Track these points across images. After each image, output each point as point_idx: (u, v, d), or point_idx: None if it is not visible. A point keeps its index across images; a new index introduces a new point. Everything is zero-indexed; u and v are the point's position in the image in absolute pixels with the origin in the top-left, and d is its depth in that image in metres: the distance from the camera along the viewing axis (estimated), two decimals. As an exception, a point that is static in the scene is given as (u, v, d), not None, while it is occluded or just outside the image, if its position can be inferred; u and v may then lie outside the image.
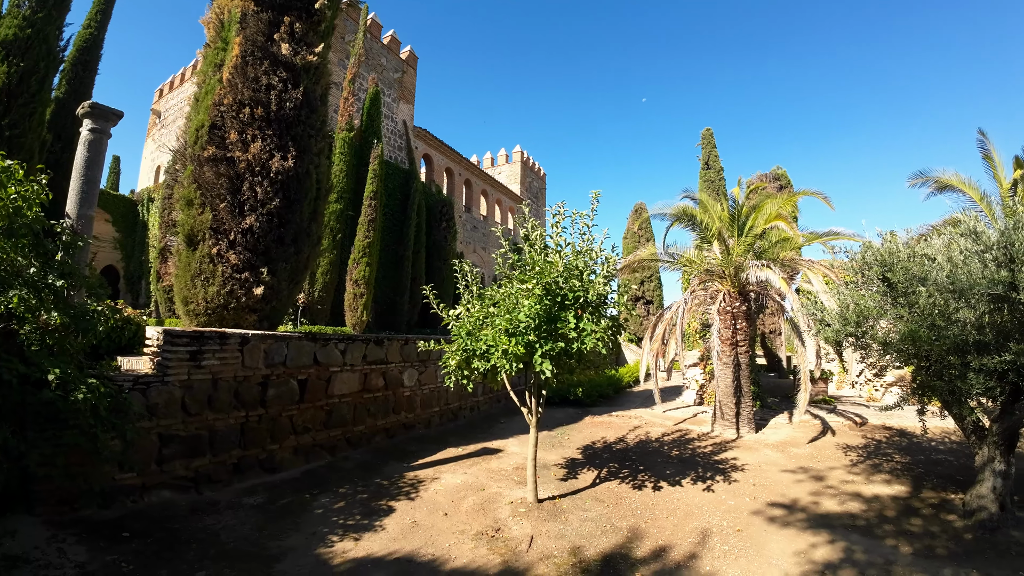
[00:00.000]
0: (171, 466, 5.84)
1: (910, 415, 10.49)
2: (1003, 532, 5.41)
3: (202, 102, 7.95)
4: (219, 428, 6.36)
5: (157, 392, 5.80)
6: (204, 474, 6.13)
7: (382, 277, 14.81)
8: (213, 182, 7.42)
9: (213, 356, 6.36)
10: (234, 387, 6.59)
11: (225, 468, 6.38)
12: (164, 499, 5.65)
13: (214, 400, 6.33)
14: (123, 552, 4.43)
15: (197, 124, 7.76)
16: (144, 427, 5.56)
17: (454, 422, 10.99)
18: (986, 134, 10.63)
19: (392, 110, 20.55)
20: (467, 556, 4.80)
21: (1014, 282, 4.77)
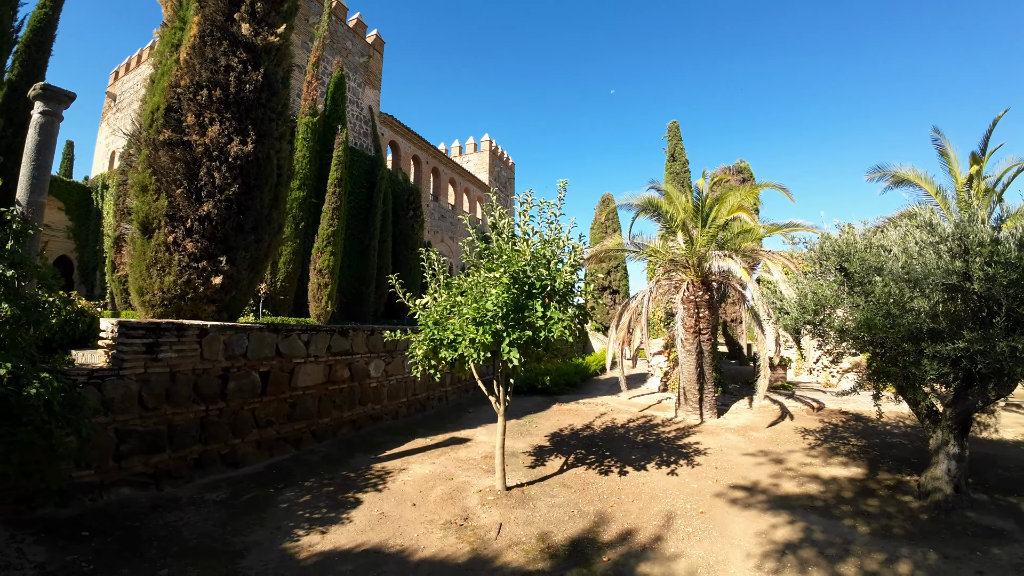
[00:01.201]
0: (130, 462, 5.67)
1: (866, 400, 10.94)
2: (958, 513, 5.65)
3: (158, 84, 7.63)
4: (178, 423, 6.19)
5: (113, 386, 5.61)
6: (164, 470, 5.96)
7: (347, 267, 14.58)
8: (169, 167, 7.14)
9: (170, 348, 6.17)
10: (193, 380, 6.41)
11: (186, 464, 6.22)
12: (124, 496, 5.49)
13: (172, 394, 6.16)
14: (83, 551, 4.30)
15: (152, 107, 7.44)
16: (100, 423, 5.38)
17: (422, 412, 10.95)
18: (941, 132, 11.05)
19: (357, 95, 20.12)
20: (436, 546, 4.80)
21: (967, 272, 4.96)
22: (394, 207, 17.17)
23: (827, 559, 4.62)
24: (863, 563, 4.55)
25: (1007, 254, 4.78)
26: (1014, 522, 5.39)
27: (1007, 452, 8.09)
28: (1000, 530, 5.19)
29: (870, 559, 4.62)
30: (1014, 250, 4.78)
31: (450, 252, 26.31)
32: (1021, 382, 5.68)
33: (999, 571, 4.35)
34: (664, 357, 15.14)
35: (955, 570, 4.40)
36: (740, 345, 21.36)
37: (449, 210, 27.51)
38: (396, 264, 16.51)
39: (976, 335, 4.99)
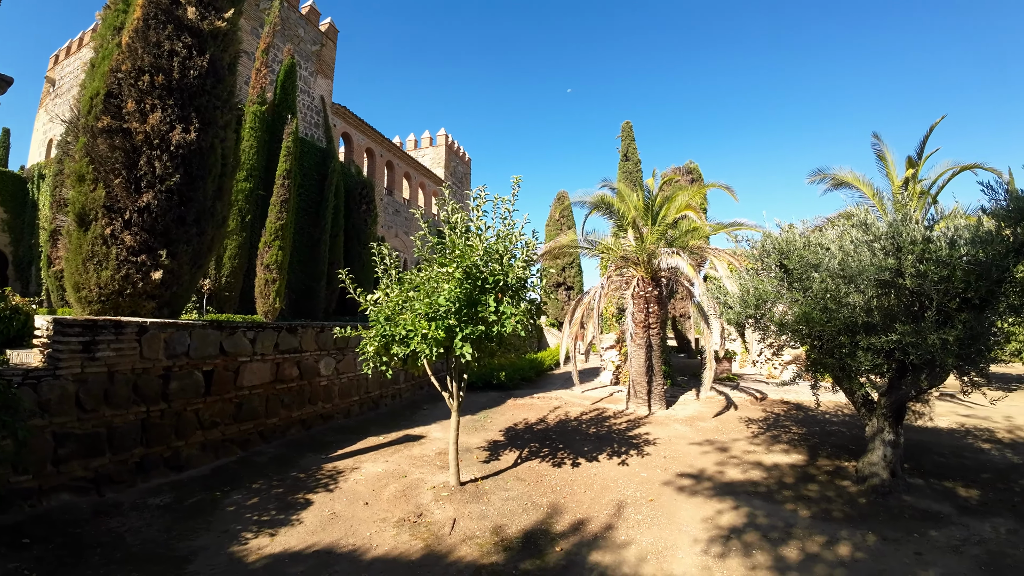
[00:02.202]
0: (69, 467, 5.40)
1: (806, 390, 11.45)
2: (895, 497, 5.95)
3: (98, 68, 7.23)
4: (118, 425, 5.92)
5: (49, 387, 5.33)
6: (105, 474, 5.71)
7: (297, 262, 14.19)
8: (107, 155, 6.79)
9: (108, 347, 5.89)
10: (132, 380, 6.13)
11: (127, 468, 5.96)
12: (64, 502, 5.25)
13: (111, 395, 5.88)
14: (24, 559, 4.12)
15: (92, 92, 7.05)
16: (37, 425, 5.11)
17: (375, 411, 10.81)
18: (880, 137, 11.75)
19: (309, 84, 19.59)
20: (389, 544, 4.77)
21: (900, 269, 5.28)
22: (346, 201, 16.80)
23: (770, 542, 4.82)
24: (804, 546, 4.76)
25: (938, 252, 5.10)
26: (950, 505, 5.68)
27: (942, 439, 8.58)
28: (936, 513, 5.48)
29: (811, 542, 4.83)
30: (945, 248, 5.11)
31: (404, 247, 25.99)
32: (952, 373, 6.01)
33: (937, 552, 4.59)
34: (616, 351, 15.45)
35: (894, 551, 4.63)
36: (688, 339, 22.02)
37: (404, 205, 27.15)
38: (348, 259, 16.19)
39: (908, 328, 5.29)
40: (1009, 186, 5.38)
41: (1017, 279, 5.40)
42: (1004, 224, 5.19)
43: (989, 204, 5.41)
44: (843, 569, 4.33)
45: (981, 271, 5.04)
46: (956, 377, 6.22)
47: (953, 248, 5.12)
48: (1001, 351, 6.44)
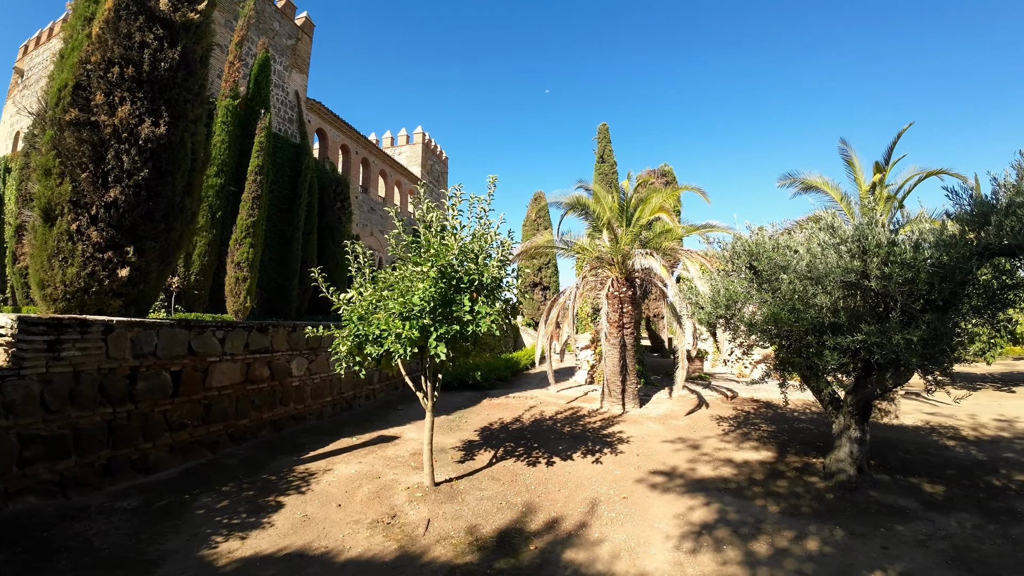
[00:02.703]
0: (34, 469, 5.24)
1: (775, 389, 11.71)
2: (862, 492, 6.08)
3: (67, 59, 7.01)
4: (84, 426, 5.75)
5: (13, 387, 5.15)
6: (71, 477, 5.54)
7: (268, 260, 13.94)
8: (75, 149, 6.58)
9: (74, 346, 5.72)
10: (99, 380, 5.96)
11: (94, 470, 5.79)
12: (30, 506, 5.10)
13: (77, 395, 5.71)
14: None
15: (60, 84, 6.84)
16: (2, 427, 4.97)
17: (348, 411, 10.69)
18: (848, 143, 12.06)
19: (283, 79, 19.26)
20: (362, 545, 4.72)
21: (865, 271, 5.42)
22: (320, 198, 16.56)
23: (740, 538, 4.91)
24: (774, 540, 4.85)
25: (903, 255, 5.25)
26: (916, 501, 5.84)
27: (907, 436, 8.82)
28: (903, 508, 5.63)
29: (780, 536, 4.93)
30: (909, 251, 5.26)
31: (379, 246, 25.75)
32: (917, 372, 6.19)
33: (903, 547, 4.71)
34: (591, 351, 15.55)
35: (861, 545, 4.74)
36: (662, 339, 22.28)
37: (379, 203, 26.90)
38: (322, 257, 15.97)
39: (873, 328, 5.45)
40: (974, 191, 5.56)
41: (980, 282, 5.61)
42: (968, 228, 5.36)
43: (953, 209, 5.58)
44: (812, 563, 4.42)
45: (945, 273, 5.21)
46: (920, 376, 6.39)
47: (917, 251, 5.28)
48: (965, 351, 6.66)
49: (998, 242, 5.07)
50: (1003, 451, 7.78)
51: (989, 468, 6.96)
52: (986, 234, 5.16)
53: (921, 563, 4.39)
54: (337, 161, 23.50)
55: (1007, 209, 4.97)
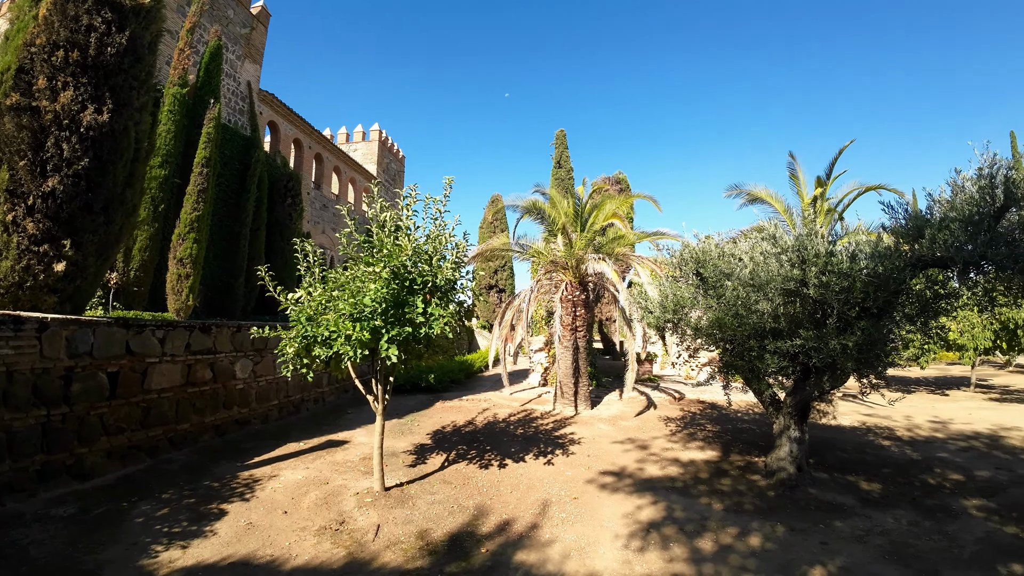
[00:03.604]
0: (-35, 474, 4.90)
1: (720, 390, 12.08)
2: (801, 490, 6.34)
3: (12, 42, 6.59)
4: (18, 429, 5.43)
5: (-57, 388, 4.80)
6: (5, 483, 5.23)
7: (213, 256, 13.39)
8: (14, 135, 6.19)
9: (7, 344, 5.38)
10: (32, 381, 5.63)
11: (28, 476, 5.47)
12: (-39, 513, 4.79)
13: (10, 396, 5.39)
14: None
15: (3, 67, 6.42)
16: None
17: (296, 415, 10.40)
18: (795, 157, 12.62)
19: (236, 68, 18.57)
20: (309, 553, 4.60)
21: (804, 279, 5.69)
22: (270, 193, 16.01)
23: (686, 535, 5.04)
24: (718, 537, 5.00)
25: (840, 265, 5.54)
26: (853, 498, 6.12)
27: (844, 436, 9.26)
28: (841, 505, 5.89)
29: (724, 533, 5.09)
30: (846, 262, 5.55)
31: (331, 244, 25.16)
32: (852, 375, 6.52)
33: (842, 542, 4.92)
34: (545, 353, 15.68)
35: (801, 541, 4.93)
36: (613, 341, 22.68)
37: (332, 200, 26.26)
38: (270, 255, 15.46)
39: (811, 334, 5.72)
40: (911, 206, 5.92)
41: (914, 291, 5.96)
42: (902, 240, 5.71)
43: (889, 222, 5.93)
44: (754, 559, 4.58)
45: (879, 283, 5.51)
46: (856, 379, 6.75)
47: (854, 261, 5.58)
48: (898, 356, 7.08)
49: (931, 254, 5.40)
50: (937, 451, 8.26)
51: (924, 467, 7.37)
52: (920, 246, 5.49)
53: (859, 558, 4.59)
54: (289, 156, 22.83)
55: (940, 223, 5.31)
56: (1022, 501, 5.93)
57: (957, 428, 9.94)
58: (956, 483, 6.64)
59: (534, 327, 16.68)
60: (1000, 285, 5.63)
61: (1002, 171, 5.04)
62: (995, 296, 5.83)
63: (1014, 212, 5.18)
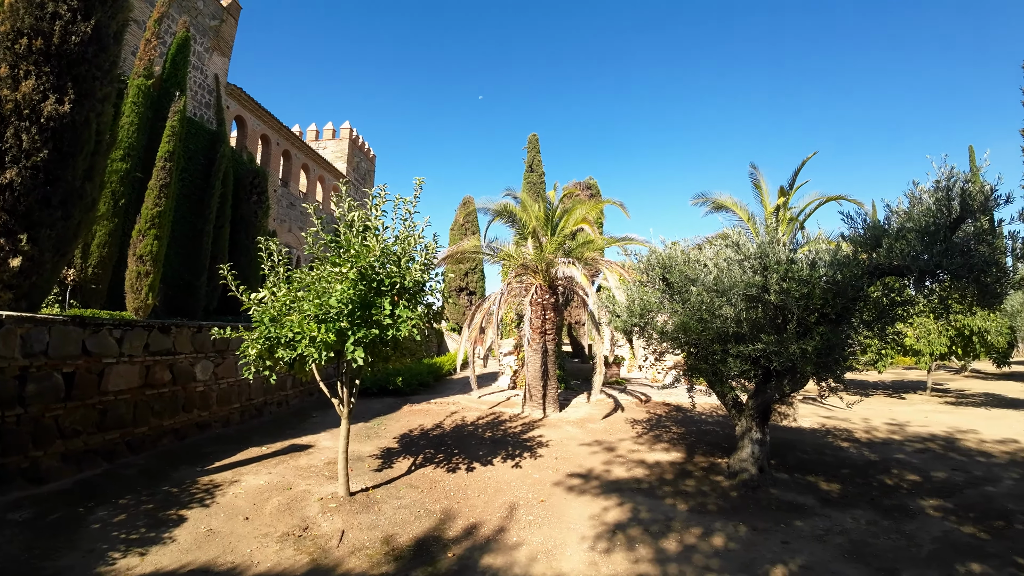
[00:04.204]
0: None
1: (685, 393, 12.30)
2: (763, 490, 6.49)
3: None
4: (-30, 431, 5.19)
5: None
6: (-43, 486, 4.99)
7: (175, 254, 12.97)
8: (-27, 125, 5.93)
9: (-39, 342, 5.14)
10: (-14, 380, 5.40)
11: (-19, 479, 5.24)
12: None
13: (-37, 396, 5.14)
14: None
15: None
16: None
17: (258, 419, 10.17)
18: (757, 167, 13.00)
19: (203, 61, 18.09)
20: (272, 559, 4.51)
21: (766, 286, 5.84)
22: (235, 190, 15.59)
23: (652, 536, 5.11)
24: (683, 538, 5.08)
25: (800, 272, 5.71)
26: (813, 498, 6.28)
27: (804, 438, 9.51)
28: (801, 505, 6.03)
29: (688, 534, 5.17)
30: (806, 269, 5.73)
31: (297, 244, 24.68)
32: (812, 378, 6.71)
33: (802, 541, 5.03)
34: (514, 356, 15.69)
35: (763, 540, 5.04)
36: (582, 345, 22.83)
37: (299, 198, 25.78)
38: (234, 254, 15.07)
39: (772, 338, 5.88)
40: (870, 216, 6.14)
41: (871, 298, 6.18)
42: (861, 249, 5.91)
43: (848, 231, 6.15)
44: (718, 559, 4.66)
45: (838, 290, 5.70)
46: (815, 383, 6.95)
47: (814, 269, 5.76)
48: (856, 360, 7.31)
49: (888, 263, 5.60)
50: (894, 452, 8.55)
51: (882, 468, 7.61)
52: (877, 255, 5.70)
53: (820, 557, 4.71)
54: (256, 152, 22.33)
55: (898, 233, 5.52)
56: (978, 501, 6.14)
57: (914, 430, 10.29)
58: (913, 484, 6.87)
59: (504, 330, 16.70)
60: (955, 293, 5.86)
61: (959, 184, 5.26)
62: (950, 304, 6.06)
63: (969, 223, 5.41)
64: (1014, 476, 7.13)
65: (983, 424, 10.85)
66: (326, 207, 27.14)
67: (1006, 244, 5.78)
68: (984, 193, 5.22)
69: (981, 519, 5.58)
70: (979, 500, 6.20)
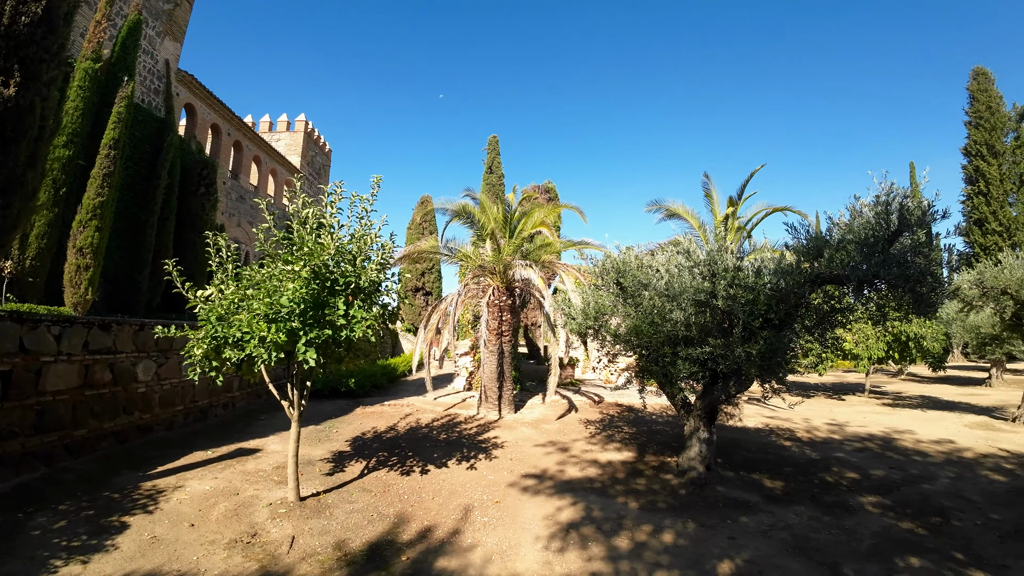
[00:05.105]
0: None
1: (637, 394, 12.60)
2: (710, 488, 6.71)
3: None
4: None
5: None
6: None
7: (117, 247, 12.33)
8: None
9: None
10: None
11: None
12: None
13: None
14: None
15: None
16: None
17: (203, 422, 9.82)
18: (710, 177, 13.40)
19: (154, 45, 17.27)
20: (219, 567, 4.38)
21: (714, 291, 6.07)
22: (183, 181, 14.93)
23: (604, 534, 5.22)
24: (634, 535, 5.22)
25: (746, 279, 5.97)
26: (757, 495, 6.52)
27: (749, 437, 9.87)
28: (746, 502, 6.26)
29: (640, 531, 5.31)
30: (751, 276, 6.00)
31: (247, 239, 23.91)
32: (756, 380, 6.98)
33: (748, 537, 5.23)
34: (470, 358, 15.68)
35: (710, 536, 5.22)
36: (538, 346, 23.02)
37: (250, 191, 24.95)
38: (180, 248, 14.45)
39: (719, 342, 6.11)
40: (813, 228, 6.44)
41: (812, 305, 6.50)
42: (803, 258, 6.20)
43: (792, 241, 6.46)
44: (667, 555, 4.80)
45: (781, 296, 5.98)
46: (759, 384, 7.24)
47: (759, 276, 6.03)
48: (797, 363, 7.67)
49: (829, 272, 5.90)
50: (835, 451, 8.96)
51: (822, 466, 7.96)
52: (819, 264, 5.99)
53: (764, 551, 4.91)
54: (206, 142, 21.48)
55: (839, 244, 5.82)
56: (915, 499, 6.48)
57: (853, 430, 10.82)
58: (853, 481, 7.21)
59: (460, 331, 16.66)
60: (892, 302, 6.21)
61: (897, 199, 5.59)
62: (887, 311, 6.40)
63: (907, 236, 5.75)
64: (950, 475, 7.53)
65: (919, 425, 11.44)
66: (278, 202, 26.43)
67: (943, 256, 6.19)
68: (922, 208, 5.56)
69: (918, 515, 5.89)
70: (916, 497, 6.54)
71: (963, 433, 10.52)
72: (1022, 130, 27.96)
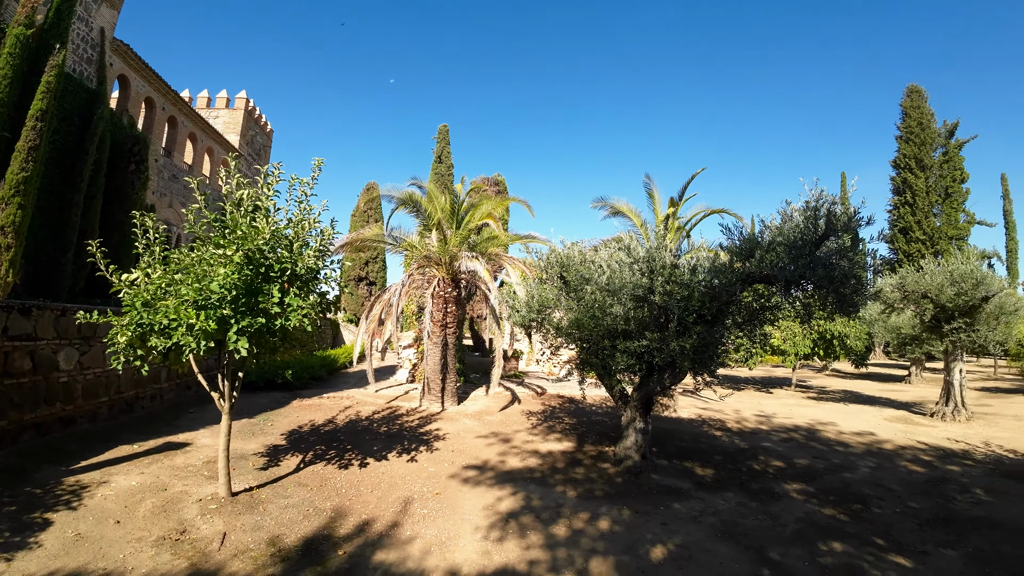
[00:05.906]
0: None
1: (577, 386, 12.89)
2: (645, 476, 6.97)
3: None
4: None
5: None
6: None
7: (40, 226, 11.48)
8: None
9: None
10: None
11: None
12: None
13: None
14: None
15: None
16: None
17: (129, 414, 9.33)
18: (652, 178, 13.85)
19: (90, 12, 15.99)
20: (147, 565, 4.22)
21: (652, 287, 6.31)
22: (112, 157, 14.00)
23: (543, 522, 5.35)
24: (572, 523, 5.37)
25: (682, 276, 6.24)
26: (689, 482, 6.82)
27: (683, 427, 10.27)
28: (679, 489, 6.54)
29: (577, 519, 5.48)
30: (687, 274, 6.27)
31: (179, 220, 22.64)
32: (689, 373, 7.28)
33: (680, 522, 5.48)
34: (414, 349, 15.55)
35: (644, 522, 5.43)
36: (484, 339, 23.11)
37: (184, 170, 23.61)
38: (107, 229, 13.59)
39: (655, 336, 6.36)
40: (747, 229, 6.76)
41: (743, 302, 6.84)
42: (736, 258, 6.52)
43: (727, 242, 6.79)
44: (603, 541, 4.98)
45: (714, 294, 6.27)
46: (693, 377, 7.57)
47: (694, 274, 6.30)
48: (729, 357, 8.05)
49: (759, 272, 6.22)
50: (762, 441, 9.45)
51: (750, 455, 8.39)
52: (750, 264, 6.30)
53: (695, 536, 5.15)
54: (139, 116, 20.16)
55: (769, 246, 6.14)
56: (837, 486, 6.90)
57: (779, 422, 11.43)
58: (778, 469, 7.63)
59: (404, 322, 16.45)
60: (817, 301, 6.60)
61: (826, 205, 5.94)
62: (813, 310, 6.78)
63: (833, 240, 6.11)
64: (870, 464, 8.05)
65: (842, 418, 12.18)
66: (213, 182, 25.19)
67: (867, 260, 6.63)
68: (848, 214, 5.94)
69: (840, 502, 6.27)
70: (838, 485, 6.97)
71: (883, 426, 11.25)
72: (951, 146, 29.88)
